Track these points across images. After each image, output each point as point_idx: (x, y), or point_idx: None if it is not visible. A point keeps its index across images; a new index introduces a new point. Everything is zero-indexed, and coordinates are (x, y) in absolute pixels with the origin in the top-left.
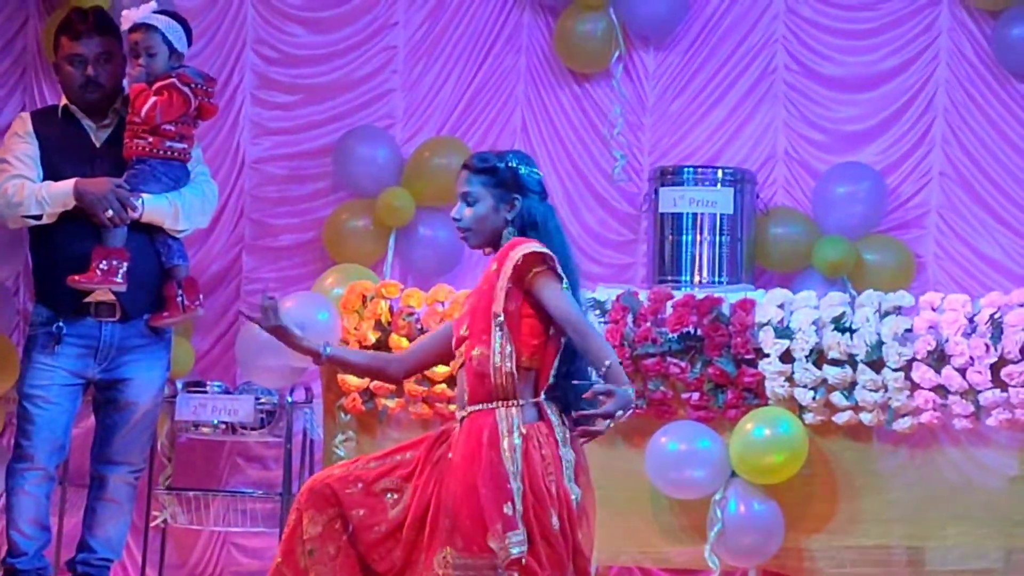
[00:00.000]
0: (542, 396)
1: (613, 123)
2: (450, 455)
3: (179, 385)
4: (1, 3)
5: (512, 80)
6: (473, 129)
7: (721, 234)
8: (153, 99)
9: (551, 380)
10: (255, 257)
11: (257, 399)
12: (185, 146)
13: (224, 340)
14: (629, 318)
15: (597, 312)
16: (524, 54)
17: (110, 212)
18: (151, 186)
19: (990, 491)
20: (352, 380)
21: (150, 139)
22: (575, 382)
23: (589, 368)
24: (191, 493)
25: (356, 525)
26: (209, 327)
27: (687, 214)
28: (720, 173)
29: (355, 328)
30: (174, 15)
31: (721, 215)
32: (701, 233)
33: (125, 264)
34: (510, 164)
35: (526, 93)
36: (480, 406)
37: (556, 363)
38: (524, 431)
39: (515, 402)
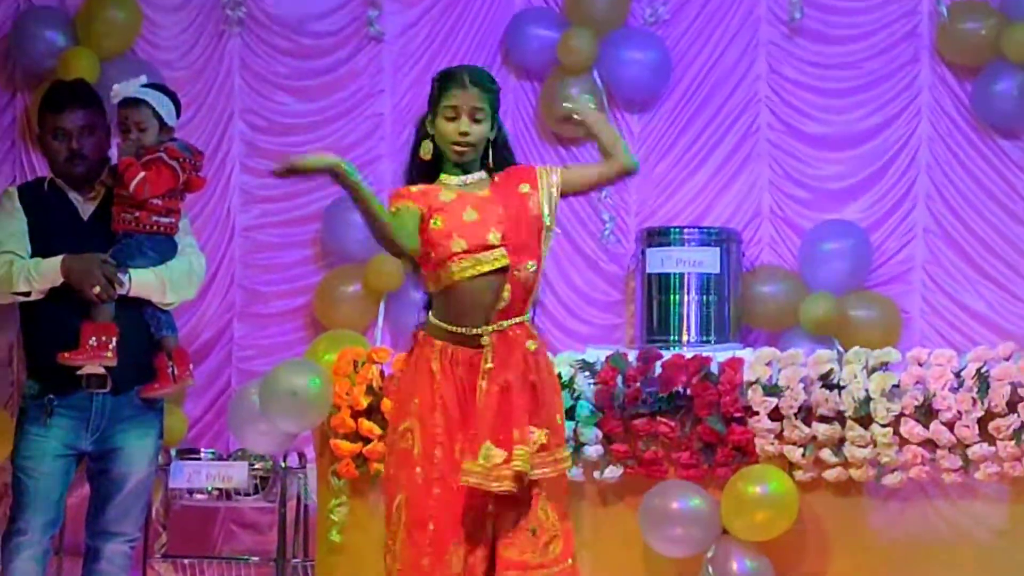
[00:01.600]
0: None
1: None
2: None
3: (173, 453)
4: None
5: None
6: None
7: (708, 293)
8: (141, 174)
9: None
10: (246, 324)
11: (251, 465)
12: (172, 220)
13: (216, 406)
14: (619, 379)
15: (586, 373)
16: (510, 118)
17: (97, 288)
18: (138, 260)
19: (980, 544)
20: (345, 445)
21: (137, 214)
22: None
23: None
24: (186, 560)
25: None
26: (201, 394)
27: (674, 274)
28: (706, 233)
29: (347, 393)
30: (163, 88)
31: (708, 274)
32: (688, 293)
33: (114, 338)
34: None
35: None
36: (517, 319)
37: None
38: None
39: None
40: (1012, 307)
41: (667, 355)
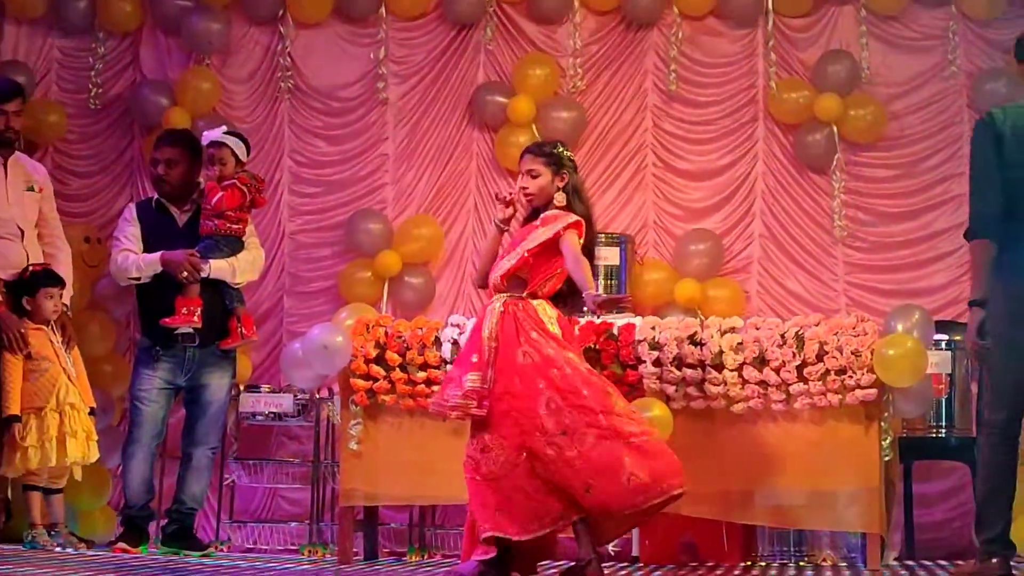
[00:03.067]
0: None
1: None
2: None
3: (242, 387)
4: (115, 126)
5: (467, 177)
6: (441, 211)
7: (611, 279)
8: (220, 194)
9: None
10: (292, 299)
11: (295, 396)
12: (240, 226)
13: (272, 355)
14: None
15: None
16: (475, 159)
17: (185, 273)
18: (215, 254)
19: (797, 453)
20: (359, 383)
21: (216, 222)
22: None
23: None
24: (251, 461)
25: None
26: (262, 347)
27: None
28: (610, 237)
29: (361, 347)
30: (238, 134)
31: (611, 265)
32: (597, 279)
33: (199, 308)
34: (559, 150)
35: (476, 185)
36: None
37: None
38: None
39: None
40: (819, 290)
41: (583, 321)
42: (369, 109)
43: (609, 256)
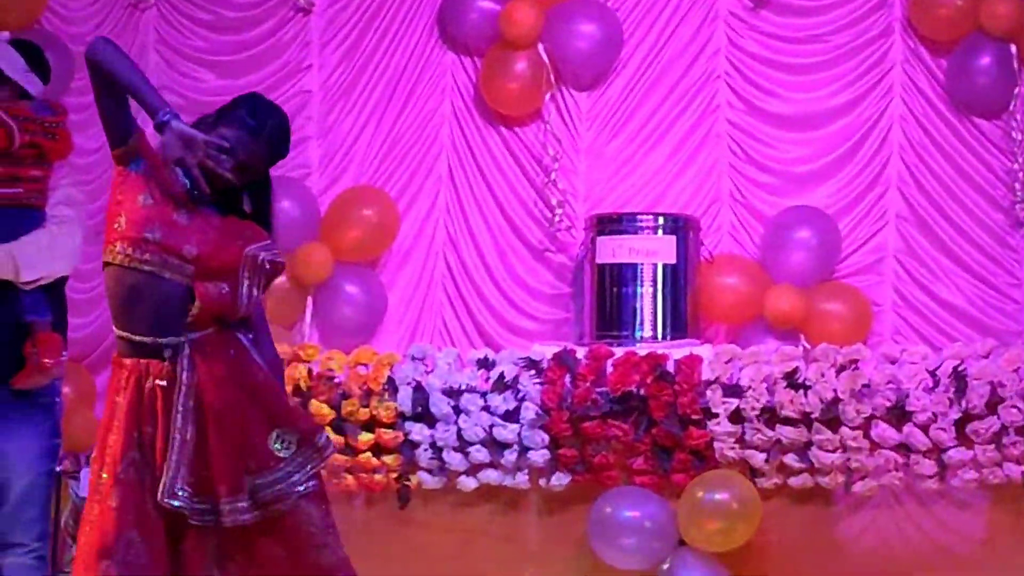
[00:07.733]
0: None
1: (547, 169)
2: None
3: (83, 459)
4: None
5: (436, 124)
6: (395, 177)
7: (664, 285)
8: None
9: None
10: None
11: None
12: (20, 190)
13: None
14: (567, 378)
15: (532, 372)
16: (448, 96)
17: None
18: None
19: (958, 556)
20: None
21: None
22: None
23: None
24: None
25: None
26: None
27: (627, 264)
28: (661, 220)
29: None
30: (24, 41)
31: (663, 264)
32: (642, 285)
33: None
34: None
35: (451, 137)
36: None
37: None
38: None
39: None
40: (991, 300)
41: (619, 352)
42: (283, 21)
43: (661, 250)
